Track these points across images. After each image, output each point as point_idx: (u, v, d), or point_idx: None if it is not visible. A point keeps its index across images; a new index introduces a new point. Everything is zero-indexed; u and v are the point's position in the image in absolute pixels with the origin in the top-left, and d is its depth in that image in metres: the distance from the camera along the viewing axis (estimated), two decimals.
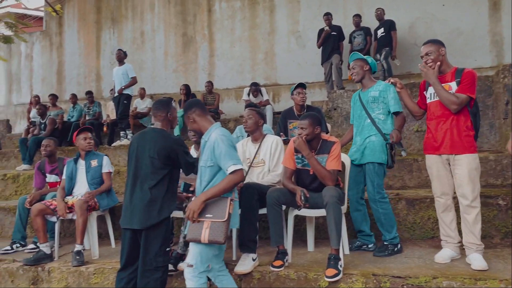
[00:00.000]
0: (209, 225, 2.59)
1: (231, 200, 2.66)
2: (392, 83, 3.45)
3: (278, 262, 3.21)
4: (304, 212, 3.47)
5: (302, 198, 3.21)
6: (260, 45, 9.22)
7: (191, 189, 3.16)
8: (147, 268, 2.85)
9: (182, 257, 3.41)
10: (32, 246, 4.40)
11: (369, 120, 3.55)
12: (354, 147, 3.67)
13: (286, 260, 3.29)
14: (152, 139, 2.98)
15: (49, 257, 3.90)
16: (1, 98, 11.74)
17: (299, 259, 3.45)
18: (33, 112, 8.26)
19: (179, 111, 7.60)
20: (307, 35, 8.71)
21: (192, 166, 3.03)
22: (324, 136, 3.48)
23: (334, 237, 3.03)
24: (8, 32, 8.95)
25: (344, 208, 3.53)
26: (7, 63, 11.24)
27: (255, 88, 7.51)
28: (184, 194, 3.50)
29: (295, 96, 4.64)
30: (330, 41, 7.66)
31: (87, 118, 8.26)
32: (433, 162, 3.26)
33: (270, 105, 7.39)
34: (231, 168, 2.61)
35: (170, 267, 3.32)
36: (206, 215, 2.62)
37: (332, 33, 7.63)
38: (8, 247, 4.42)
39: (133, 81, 7.32)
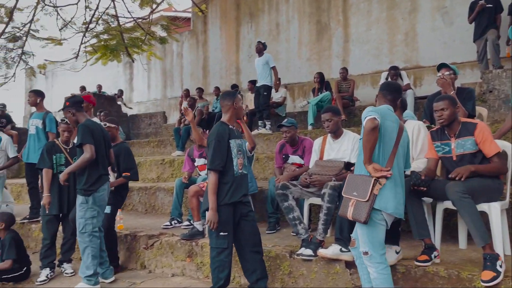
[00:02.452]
0: (354, 203, 2.67)
1: (376, 179, 2.59)
2: None
3: (424, 257, 3.00)
4: (451, 205, 3.16)
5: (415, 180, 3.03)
6: (399, 25, 8.63)
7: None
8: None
9: (321, 243, 3.44)
10: (186, 223, 4.94)
11: None
12: None
13: (434, 256, 3.05)
14: None
15: (201, 234, 4.33)
16: (158, 93, 13.46)
17: (449, 256, 3.17)
18: (184, 104, 9.25)
19: (313, 99, 7.65)
20: (455, 10, 7.82)
21: (211, 162, 3.08)
22: (463, 118, 3.23)
23: (474, 234, 2.75)
24: (163, 34, 10.13)
25: (505, 204, 3.11)
26: (162, 61, 12.79)
27: (395, 72, 7.07)
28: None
29: (438, 79, 4.25)
30: (484, 14, 6.71)
31: None
32: None
33: (411, 90, 6.89)
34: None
35: (309, 252, 3.39)
36: (353, 193, 2.68)
37: (488, 5, 6.68)
38: (168, 223, 5.03)
39: (275, 72, 7.57)
